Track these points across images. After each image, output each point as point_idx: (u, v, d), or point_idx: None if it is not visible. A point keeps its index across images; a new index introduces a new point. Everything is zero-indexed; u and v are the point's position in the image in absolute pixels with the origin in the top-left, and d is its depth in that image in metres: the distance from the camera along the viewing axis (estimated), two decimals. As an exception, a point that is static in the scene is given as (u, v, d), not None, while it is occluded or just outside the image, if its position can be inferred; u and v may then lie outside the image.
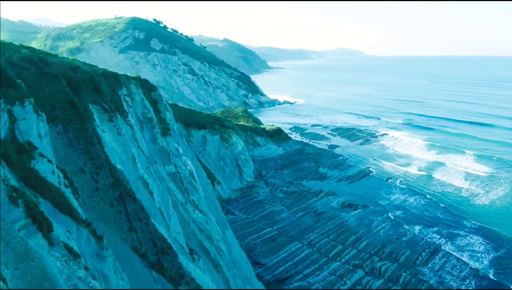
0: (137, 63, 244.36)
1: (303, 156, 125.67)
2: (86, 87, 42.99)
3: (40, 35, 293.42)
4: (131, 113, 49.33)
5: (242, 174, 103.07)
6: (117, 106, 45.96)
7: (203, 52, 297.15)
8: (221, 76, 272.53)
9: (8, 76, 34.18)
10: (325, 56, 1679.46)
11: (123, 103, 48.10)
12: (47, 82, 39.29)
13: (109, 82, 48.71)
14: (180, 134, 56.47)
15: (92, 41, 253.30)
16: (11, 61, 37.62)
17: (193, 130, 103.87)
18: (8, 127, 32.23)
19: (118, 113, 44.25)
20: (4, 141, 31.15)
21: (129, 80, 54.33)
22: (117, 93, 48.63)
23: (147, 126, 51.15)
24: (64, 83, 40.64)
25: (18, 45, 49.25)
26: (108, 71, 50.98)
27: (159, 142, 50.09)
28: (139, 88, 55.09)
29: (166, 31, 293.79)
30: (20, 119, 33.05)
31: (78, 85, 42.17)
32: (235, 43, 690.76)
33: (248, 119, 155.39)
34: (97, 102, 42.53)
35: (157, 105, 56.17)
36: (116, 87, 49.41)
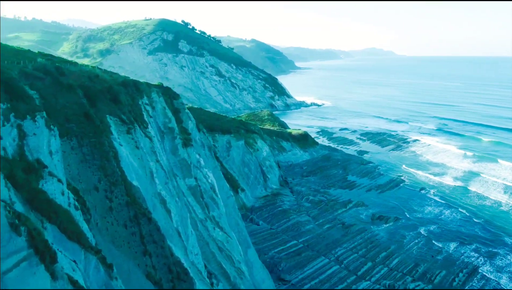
0: (165, 64, 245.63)
1: (331, 162, 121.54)
2: (104, 98, 41.13)
3: (72, 36, 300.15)
4: (152, 123, 47.31)
5: (266, 181, 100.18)
6: (136, 117, 43.97)
7: (230, 53, 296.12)
8: (247, 77, 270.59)
9: (20, 88, 32.53)
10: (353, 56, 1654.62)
11: (143, 113, 46.11)
12: (62, 93, 37.58)
13: (128, 91, 46.82)
14: (202, 144, 54.09)
15: (121, 43, 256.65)
16: (25, 71, 36.07)
17: (218, 135, 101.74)
18: (16, 143, 30.55)
19: (137, 125, 42.22)
20: (11, 159, 29.48)
21: (150, 88, 52.39)
22: (137, 103, 46.68)
23: (168, 136, 49.03)
24: (80, 94, 38.87)
25: (36, 53, 48.15)
26: (129, 79, 49.17)
27: (179, 153, 47.85)
28: (160, 96, 53.08)
29: (194, 32, 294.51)
30: (30, 134, 31.34)
31: (95, 96, 40.34)
32: (262, 44, 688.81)
33: (274, 123, 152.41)
34: (115, 114, 40.59)
35: (179, 114, 54.00)
36: (136, 96, 47.48)
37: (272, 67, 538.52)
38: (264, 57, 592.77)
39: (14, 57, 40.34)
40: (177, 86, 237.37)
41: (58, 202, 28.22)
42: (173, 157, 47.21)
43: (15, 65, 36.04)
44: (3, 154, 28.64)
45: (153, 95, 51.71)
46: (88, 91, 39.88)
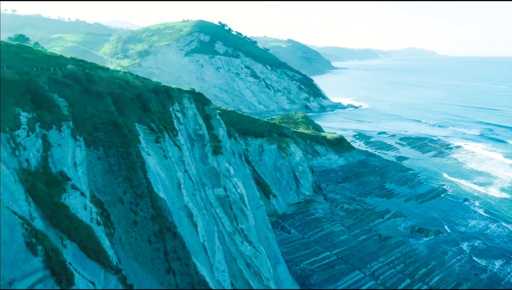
0: (202, 66, 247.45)
1: (368, 168, 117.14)
2: (133, 105, 40.29)
3: (113, 37, 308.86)
4: (182, 130, 46.18)
5: (299, 187, 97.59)
6: (166, 125, 42.91)
7: (266, 54, 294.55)
8: (282, 78, 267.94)
9: (46, 97, 31.99)
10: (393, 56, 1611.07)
11: (173, 121, 45.03)
12: (91, 101, 36.95)
13: (159, 97, 45.91)
14: (233, 151, 52.48)
15: (159, 44, 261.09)
16: (54, 78, 35.66)
17: (250, 139, 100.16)
18: (40, 154, 29.93)
19: (166, 133, 41.13)
20: (34, 171, 28.90)
21: (182, 94, 51.37)
22: (168, 110, 45.66)
23: (198, 144, 47.77)
24: (109, 101, 38.14)
25: (68, 58, 48.14)
26: (160, 86, 48.29)
27: (209, 161, 46.46)
28: (192, 102, 51.97)
29: (231, 34, 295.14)
30: (55, 145, 30.71)
31: (125, 104, 39.51)
32: (298, 44, 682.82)
33: (308, 125, 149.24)
34: (144, 122, 39.62)
35: (210, 120, 52.67)
36: (167, 103, 46.49)
37: (308, 67, 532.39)
38: (300, 57, 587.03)
39: (44, 63, 40.29)
40: (212, 87, 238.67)
41: (79, 217, 27.34)
42: (203, 166, 45.87)
43: (44, 72, 35.75)
44: (25, 166, 28.08)
45: (185, 101, 50.67)
46: (117, 98, 39.16)
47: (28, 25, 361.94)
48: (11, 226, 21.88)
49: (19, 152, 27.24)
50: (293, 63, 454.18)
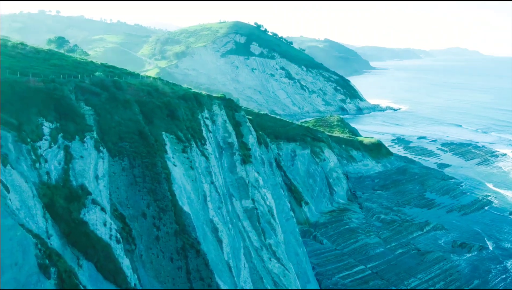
0: (237, 67, 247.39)
1: (407, 176, 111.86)
2: (161, 113, 39.18)
3: (151, 39, 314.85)
4: (210, 138, 44.76)
5: (333, 194, 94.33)
6: (194, 133, 41.59)
7: (301, 55, 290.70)
8: (318, 80, 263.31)
9: (71, 106, 31.25)
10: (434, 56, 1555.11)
11: (202, 128, 43.68)
12: (118, 109, 36.09)
13: (188, 105, 44.68)
14: (262, 160, 50.54)
15: (196, 46, 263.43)
16: (81, 86, 35.05)
17: (283, 143, 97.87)
18: (62, 167, 29.15)
19: (194, 142, 39.77)
20: (54, 185, 28.14)
21: (212, 101, 50.01)
22: (197, 117, 44.39)
23: (226, 152, 46.19)
24: (136, 110, 37.20)
25: (99, 64, 47.73)
26: (189, 92, 47.06)
27: (237, 171, 44.76)
28: (222, 108, 50.50)
29: (266, 35, 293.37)
30: (77, 157, 29.88)
31: (152, 112, 38.48)
32: (336, 43, 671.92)
33: (344, 129, 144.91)
34: (172, 130, 38.43)
35: (240, 127, 50.98)
36: (196, 110, 45.22)
37: (345, 68, 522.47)
38: (337, 57, 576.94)
39: (73, 70, 39.93)
40: (246, 88, 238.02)
41: (98, 234, 26.27)
42: (231, 176, 44.24)
43: (71, 80, 35.21)
44: (46, 180, 27.32)
45: (214, 108, 49.29)
46: (145, 106, 38.19)
47: (71, 26, 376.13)
48: (24, 246, 20.92)
49: (39, 165, 26.53)
50: (330, 63, 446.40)
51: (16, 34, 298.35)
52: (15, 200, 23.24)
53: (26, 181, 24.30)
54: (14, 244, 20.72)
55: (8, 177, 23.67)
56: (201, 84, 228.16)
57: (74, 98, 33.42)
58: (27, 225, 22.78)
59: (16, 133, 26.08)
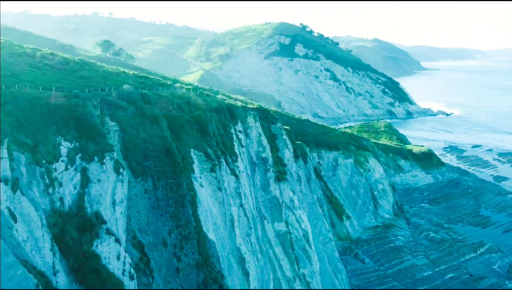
0: (280, 69, 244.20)
1: (459, 189, 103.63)
2: (190, 129, 36.78)
3: (197, 40, 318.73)
4: (243, 154, 41.96)
5: (377, 208, 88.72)
6: (225, 149, 38.93)
7: (348, 56, 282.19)
8: (365, 82, 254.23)
9: (92, 124, 29.41)
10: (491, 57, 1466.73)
11: (234, 143, 40.96)
12: (145, 125, 34.06)
13: (221, 118, 42.13)
14: (299, 177, 47.06)
15: (240, 47, 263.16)
16: (107, 100, 33.31)
17: (324, 152, 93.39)
18: (77, 192, 27.28)
19: (224, 159, 37.12)
20: (67, 212, 26.36)
21: (247, 112, 47.19)
22: (229, 132, 41.75)
23: (259, 168, 43.19)
24: (164, 125, 35.00)
25: (130, 74, 46.11)
26: (223, 104, 44.50)
27: (271, 190, 41.63)
28: (257, 120, 47.57)
29: (311, 35, 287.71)
30: (94, 181, 27.99)
31: (181, 127, 36.12)
32: (385, 43, 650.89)
33: (392, 136, 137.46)
34: (201, 147, 35.97)
35: (276, 141, 47.81)
36: (229, 124, 42.55)
37: (394, 68, 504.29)
38: (386, 57, 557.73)
39: (102, 81, 38.56)
40: (289, 90, 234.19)
41: (110, 269, 24.04)
42: (263, 195, 41.22)
43: (98, 93, 33.65)
44: (58, 206, 25.51)
45: (249, 120, 46.49)
46: (173, 121, 35.99)
47: (121, 28, 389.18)
48: (24, 287, 19.05)
49: (53, 189, 24.84)
50: (378, 63, 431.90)
51: (70, 35, 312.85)
52: (22, 230, 21.55)
53: (36, 209, 22.58)
54: (13, 285, 18.90)
55: (17, 205, 22.05)
56: (244, 86, 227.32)
57: (99, 113, 31.83)
58: (32, 260, 20.98)
59: (30, 154, 24.58)
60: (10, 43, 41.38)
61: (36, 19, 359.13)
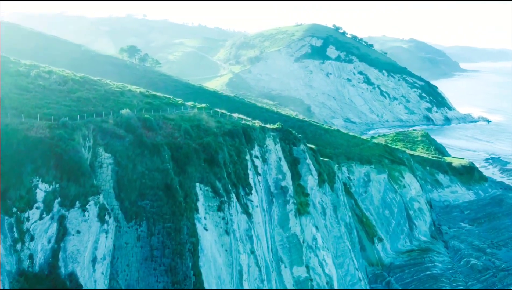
0: (311, 72, 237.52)
1: (504, 208, 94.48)
2: (198, 159, 32.27)
3: (228, 43, 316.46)
4: (259, 183, 37.11)
5: (413, 229, 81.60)
6: (238, 180, 34.20)
7: (383, 58, 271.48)
8: (400, 85, 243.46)
9: (77, 161, 25.48)
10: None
11: (249, 172, 36.21)
12: (143, 157, 29.82)
13: (235, 142, 37.48)
14: (323, 209, 41.78)
15: (270, 50, 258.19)
16: (102, 127, 29.25)
17: (355, 166, 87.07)
18: (51, 247, 23.03)
19: (234, 194, 32.49)
20: (37, 274, 22.41)
21: (265, 133, 42.33)
22: (243, 158, 37.02)
23: (278, 200, 38.23)
24: (166, 156, 30.66)
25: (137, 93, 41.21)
26: (238, 126, 39.79)
27: (290, 226, 36.59)
28: (277, 142, 42.63)
29: (344, 37, 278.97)
30: (73, 232, 23.74)
31: (187, 157, 31.64)
32: (421, 43, 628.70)
33: (429, 146, 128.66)
34: (208, 181, 31.39)
35: (298, 166, 42.69)
36: (244, 149, 37.83)
37: (431, 70, 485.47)
38: (423, 58, 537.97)
39: (101, 103, 34.78)
40: (320, 94, 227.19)
41: None
42: (281, 232, 36.24)
43: (92, 120, 29.78)
44: (26, 266, 21.53)
45: (268, 142, 41.64)
46: (178, 151, 31.64)
47: (154, 30, 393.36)
48: None
49: (22, 245, 20.94)
50: (415, 65, 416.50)
51: (103, 37, 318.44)
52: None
53: (-5, 274, 18.66)
54: None
55: (-28, 269, 18.26)
56: (273, 89, 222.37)
57: (92, 144, 27.90)
58: None
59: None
60: (6, 59, 38.47)
61: (71, 20, 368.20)
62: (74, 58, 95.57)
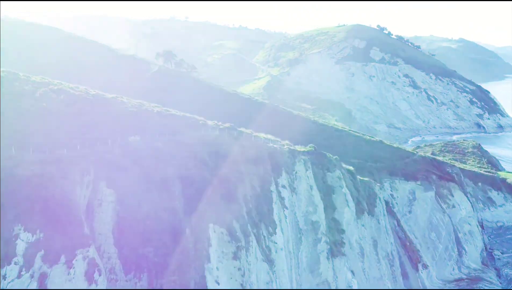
0: (352, 74, 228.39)
1: None
2: (213, 194, 27.85)
3: (267, 45, 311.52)
4: (285, 219, 32.57)
5: (462, 255, 73.76)
6: (260, 217, 29.81)
7: (430, 60, 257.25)
8: (449, 90, 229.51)
9: (66, 205, 22.06)
10: None
11: (274, 206, 31.75)
12: (150, 193, 26.47)
13: (259, 170, 33.08)
14: (361, 249, 36.45)
15: (310, 52, 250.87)
16: (105, 158, 26.40)
17: (399, 182, 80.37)
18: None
19: (255, 235, 28.15)
20: None
21: (295, 158, 37.64)
22: (268, 190, 32.51)
23: (307, 238, 33.42)
24: (176, 191, 27.04)
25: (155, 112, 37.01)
26: (264, 151, 35.48)
27: (321, 271, 31.70)
28: (309, 168, 37.80)
29: (389, 38, 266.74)
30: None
31: (200, 193, 27.50)
32: (471, 43, 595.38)
33: (481, 159, 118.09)
34: (223, 221, 26.90)
35: (332, 196, 37.64)
36: (269, 178, 33.32)
37: (482, 72, 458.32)
38: (473, 59, 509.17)
39: (111, 126, 31.32)
40: (362, 98, 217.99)
41: None
42: (310, 278, 31.42)
43: (95, 149, 26.42)
44: None
45: (298, 168, 36.90)
46: (191, 185, 27.70)
47: (196, 31, 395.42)
48: None
49: (-10, 313, 17.65)
50: (464, 67, 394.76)
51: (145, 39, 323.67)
52: None
53: None
54: None
55: None
56: (312, 92, 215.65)
57: (92, 177, 24.45)
58: None
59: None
60: (16, 76, 36.08)
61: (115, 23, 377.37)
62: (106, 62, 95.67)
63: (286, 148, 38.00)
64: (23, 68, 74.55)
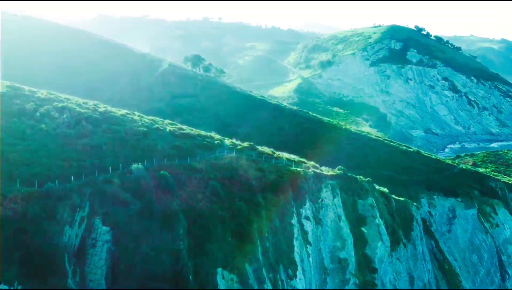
0: (388, 77, 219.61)
1: None
2: (223, 232, 26.02)
3: (299, 46, 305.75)
4: (308, 258, 28.74)
5: (505, 279, 67.36)
6: (278, 256, 26.29)
7: (471, 63, 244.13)
8: (492, 94, 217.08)
9: (49, 253, 19.79)
10: None
11: (295, 242, 28.09)
12: (151, 231, 23.11)
13: (279, 200, 29.55)
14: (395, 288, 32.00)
15: (343, 54, 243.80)
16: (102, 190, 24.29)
17: (437, 198, 74.46)
18: None
19: (272, 280, 24.61)
20: None
21: (321, 183, 33.74)
22: (288, 222, 28.93)
23: (333, 279, 29.68)
24: (181, 229, 24.93)
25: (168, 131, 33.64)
26: (286, 176, 31.69)
27: (348, 319, 27.67)
28: (337, 194, 33.74)
29: (428, 39, 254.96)
30: None
31: (208, 231, 25.48)
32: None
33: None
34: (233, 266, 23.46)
35: (363, 227, 33.51)
36: (290, 208, 29.74)
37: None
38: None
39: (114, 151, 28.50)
40: (397, 101, 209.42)
41: None
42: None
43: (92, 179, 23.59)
44: None
45: (324, 195, 32.99)
46: (198, 221, 24.46)
47: (228, 33, 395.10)
48: None
49: None
50: (507, 69, 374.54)
51: (177, 41, 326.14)
52: None
53: None
54: None
55: None
56: (344, 96, 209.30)
57: (86, 213, 21.68)
58: None
59: None
60: (19, 92, 33.78)
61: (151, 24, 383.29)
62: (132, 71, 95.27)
63: (311, 171, 34.09)
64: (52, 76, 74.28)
